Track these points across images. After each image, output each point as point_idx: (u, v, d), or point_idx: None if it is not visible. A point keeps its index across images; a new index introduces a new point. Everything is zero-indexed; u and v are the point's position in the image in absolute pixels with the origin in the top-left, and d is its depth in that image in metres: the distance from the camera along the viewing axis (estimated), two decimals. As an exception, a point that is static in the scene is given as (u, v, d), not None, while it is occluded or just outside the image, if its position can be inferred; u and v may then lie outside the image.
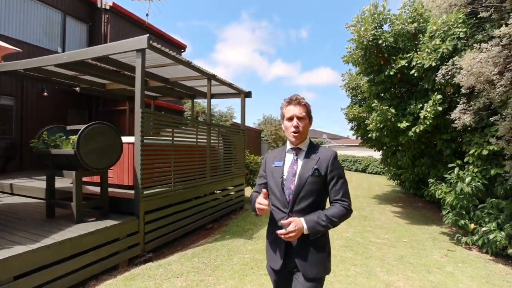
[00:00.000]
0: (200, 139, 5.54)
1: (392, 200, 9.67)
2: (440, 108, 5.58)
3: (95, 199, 4.07)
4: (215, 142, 6.27)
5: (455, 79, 4.74)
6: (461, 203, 5.02)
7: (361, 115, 8.74)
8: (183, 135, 5.22)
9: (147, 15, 11.60)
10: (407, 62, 6.01)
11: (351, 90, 9.89)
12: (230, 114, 19.55)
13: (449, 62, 4.99)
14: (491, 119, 4.47)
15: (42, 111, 8.68)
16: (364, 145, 10.03)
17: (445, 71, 5.02)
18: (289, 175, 1.68)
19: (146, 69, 5.22)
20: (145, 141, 4.10)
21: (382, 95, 7.39)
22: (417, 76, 5.91)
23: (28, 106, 8.41)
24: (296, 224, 1.54)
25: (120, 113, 9.89)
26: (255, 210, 1.69)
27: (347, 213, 1.63)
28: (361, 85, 9.13)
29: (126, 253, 3.80)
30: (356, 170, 20.93)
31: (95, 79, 7.06)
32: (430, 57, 5.41)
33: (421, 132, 6.03)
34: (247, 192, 8.20)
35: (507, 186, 4.69)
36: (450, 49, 5.20)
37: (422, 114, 5.76)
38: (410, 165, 7.73)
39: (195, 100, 9.70)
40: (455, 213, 5.21)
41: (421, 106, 6.02)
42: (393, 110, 6.26)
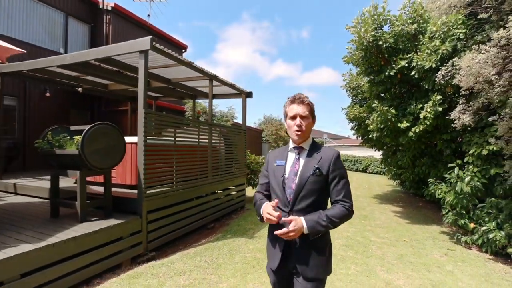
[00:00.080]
0: (201, 139, 5.58)
1: (392, 200, 9.70)
2: (440, 109, 5.62)
3: (98, 198, 4.12)
4: (217, 142, 6.31)
5: (455, 80, 4.78)
6: (460, 202, 5.06)
7: (361, 115, 8.78)
8: (185, 135, 5.27)
9: (149, 15, 11.66)
10: (407, 62, 6.05)
11: (352, 90, 9.94)
12: (231, 114, 19.56)
13: (449, 63, 5.03)
14: (490, 119, 4.50)
15: (44, 111, 8.74)
16: (364, 145, 10.06)
17: (444, 72, 5.06)
18: (291, 174, 1.67)
19: (148, 70, 5.27)
20: (148, 141, 4.14)
21: (383, 95, 7.43)
22: (418, 77, 5.95)
23: (30, 107, 8.47)
24: (296, 223, 1.52)
25: (122, 113, 9.94)
26: (261, 216, 1.66)
27: (348, 214, 1.60)
28: (361, 85, 9.17)
29: (129, 252, 3.85)
30: (356, 170, 20.96)
31: (97, 80, 7.11)
32: (430, 58, 5.45)
33: (421, 132, 6.06)
34: (248, 192, 8.24)
35: (506, 185, 4.73)
36: (449, 50, 5.24)
37: (422, 115, 5.80)
38: (410, 165, 7.76)
39: (196, 100, 9.74)
40: (455, 212, 5.25)
41: (421, 106, 6.05)
42: (393, 111, 6.30)
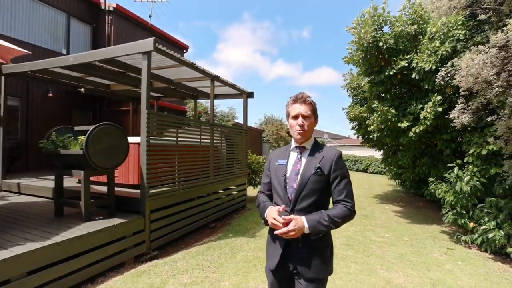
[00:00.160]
0: (203, 139, 5.63)
1: (393, 199, 9.74)
2: (440, 109, 5.65)
3: (101, 198, 4.16)
4: (218, 142, 6.36)
5: (454, 81, 4.81)
6: (460, 202, 5.10)
7: (362, 115, 8.82)
8: (187, 135, 5.32)
9: (150, 16, 11.69)
10: (407, 62, 6.09)
11: (353, 90, 9.98)
12: (232, 114, 19.65)
13: (449, 63, 5.07)
14: (488, 119, 4.54)
15: (47, 111, 8.79)
16: (365, 145, 10.10)
17: (444, 72, 5.10)
18: (292, 173, 1.66)
19: (151, 71, 5.32)
20: (150, 141, 4.19)
21: (383, 95, 7.46)
22: (418, 78, 5.99)
23: (33, 107, 8.52)
24: (297, 222, 1.51)
25: (123, 114, 10.00)
26: (265, 219, 1.66)
27: (350, 214, 1.59)
28: (362, 85, 9.21)
29: (132, 251, 3.90)
30: (357, 170, 20.98)
31: (100, 80, 7.17)
32: (430, 59, 5.48)
33: (422, 132, 6.09)
34: (249, 192, 8.29)
35: (506, 185, 4.77)
36: (449, 51, 5.27)
37: (422, 115, 5.84)
38: (410, 165, 7.80)
39: (197, 100, 9.80)
40: (455, 212, 5.28)
41: (421, 106, 6.09)
42: (393, 111, 6.34)
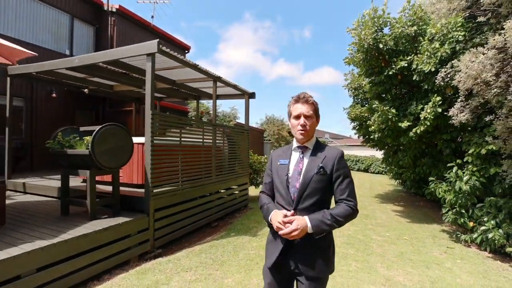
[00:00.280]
0: (206, 139, 5.70)
1: (393, 199, 9.79)
2: (440, 110, 5.70)
3: (106, 197, 4.24)
4: (220, 142, 6.43)
5: (454, 81, 4.86)
6: (460, 201, 5.16)
7: (363, 115, 8.86)
8: (190, 135, 5.39)
9: (152, 17, 11.79)
10: (407, 63, 6.15)
11: (354, 90, 10.02)
12: (233, 115, 19.74)
13: (448, 65, 5.12)
14: (486, 118, 4.59)
15: (51, 112, 8.88)
16: (366, 145, 10.15)
17: (444, 74, 5.15)
18: (295, 173, 1.67)
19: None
20: (154, 141, 4.27)
21: (383, 96, 7.52)
22: (418, 80, 6.04)
23: (37, 107, 8.61)
24: (299, 222, 1.52)
25: (126, 114, 10.08)
26: (269, 223, 1.67)
27: (353, 213, 1.60)
28: (363, 85, 9.26)
29: (137, 249, 3.97)
30: (358, 170, 21.01)
31: (103, 81, 7.25)
32: (430, 61, 5.53)
33: (422, 133, 6.15)
34: (251, 192, 8.36)
35: (505, 184, 4.82)
36: (449, 52, 5.32)
37: (423, 115, 5.89)
38: (411, 164, 7.85)
39: (199, 101, 9.87)
40: (455, 211, 5.34)
41: (421, 107, 6.15)
42: (394, 111, 6.39)
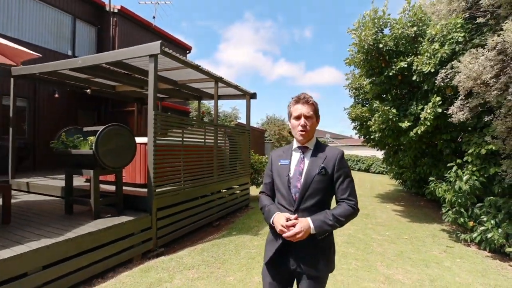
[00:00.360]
0: (207, 140, 5.76)
1: (394, 199, 9.83)
2: (440, 110, 5.74)
3: (109, 196, 4.30)
4: (222, 142, 6.49)
5: (454, 81, 4.90)
6: (459, 200, 5.19)
7: (364, 115, 8.90)
8: (192, 135, 5.44)
9: (154, 17, 11.85)
10: (407, 63, 6.19)
11: (354, 90, 10.06)
12: (234, 115, 19.81)
13: (448, 66, 5.16)
14: (485, 118, 4.63)
15: (53, 112, 8.96)
16: (366, 145, 10.19)
17: (444, 74, 5.19)
18: (296, 173, 1.68)
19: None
20: (157, 141, 4.32)
21: (384, 96, 7.56)
22: (418, 80, 6.08)
23: (40, 108, 8.69)
24: (302, 224, 1.53)
25: (128, 114, 10.15)
26: (271, 225, 1.67)
27: (354, 212, 1.62)
28: (364, 85, 9.29)
29: (140, 248, 4.03)
30: (359, 170, 21.03)
31: (105, 82, 7.31)
32: (430, 62, 5.57)
33: (422, 133, 6.19)
34: (252, 191, 8.40)
35: (504, 184, 4.86)
36: (448, 53, 5.36)
37: (423, 115, 5.93)
38: (411, 164, 7.89)
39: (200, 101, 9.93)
40: (455, 211, 5.38)
41: (421, 107, 6.19)
42: (394, 111, 6.44)
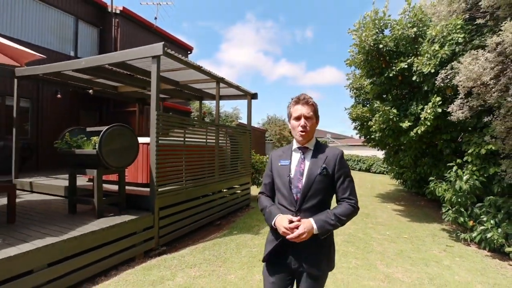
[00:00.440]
0: (209, 140, 5.80)
1: (394, 198, 9.86)
2: (440, 110, 5.78)
3: (112, 195, 4.36)
4: (223, 142, 6.53)
5: (454, 81, 4.93)
6: (459, 200, 5.23)
7: (364, 115, 8.92)
8: (193, 135, 5.49)
9: (156, 18, 11.89)
10: (407, 64, 6.22)
11: (355, 90, 10.08)
12: (235, 115, 19.86)
13: (448, 66, 5.20)
14: (485, 119, 4.66)
15: (56, 112, 9.02)
16: (367, 145, 10.22)
17: (444, 75, 5.23)
18: (297, 173, 1.69)
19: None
20: (159, 141, 4.38)
21: (385, 96, 7.60)
22: (418, 81, 6.12)
23: (43, 108, 8.75)
24: (305, 225, 1.55)
25: (129, 114, 10.22)
26: (274, 226, 1.66)
27: (354, 210, 1.66)
28: (364, 85, 9.32)
29: (142, 246, 4.08)
30: (360, 170, 21.02)
31: (108, 82, 7.37)
32: (430, 63, 5.60)
33: (422, 133, 6.22)
34: (253, 191, 8.45)
35: (504, 184, 4.90)
36: (448, 54, 5.40)
37: (423, 115, 5.97)
38: (412, 164, 7.91)
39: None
40: (455, 210, 5.41)
41: (421, 107, 6.22)
42: (395, 111, 6.47)
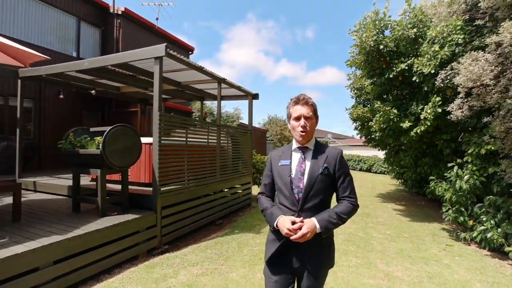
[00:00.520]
0: (210, 140, 5.86)
1: (395, 198, 9.89)
2: (440, 110, 5.81)
3: (115, 195, 4.41)
4: (225, 142, 6.59)
5: (454, 80, 4.96)
6: (459, 199, 5.26)
7: (365, 115, 8.96)
8: (195, 135, 5.54)
9: (157, 19, 11.96)
10: (407, 65, 6.26)
11: (356, 90, 10.11)
12: (237, 115, 19.92)
13: (448, 67, 5.23)
14: (484, 120, 4.70)
15: (58, 113, 9.10)
16: (368, 145, 10.25)
17: (444, 75, 5.26)
18: (297, 173, 1.70)
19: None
20: (162, 141, 4.43)
21: (385, 96, 7.63)
22: (418, 81, 6.16)
23: (45, 108, 8.82)
24: (308, 225, 1.57)
25: (131, 114, 10.28)
26: (276, 227, 1.67)
27: (354, 208, 1.70)
28: (365, 86, 9.36)
29: (145, 245, 4.14)
30: (360, 170, 21.02)
31: (110, 83, 7.43)
32: (430, 63, 5.64)
33: (422, 133, 6.25)
34: (254, 191, 8.50)
35: (503, 183, 4.93)
36: (448, 55, 5.43)
37: (423, 115, 6.00)
38: (412, 164, 7.94)
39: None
40: (455, 210, 5.45)
41: (421, 107, 6.26)
42: (395, 111, 6.51)
